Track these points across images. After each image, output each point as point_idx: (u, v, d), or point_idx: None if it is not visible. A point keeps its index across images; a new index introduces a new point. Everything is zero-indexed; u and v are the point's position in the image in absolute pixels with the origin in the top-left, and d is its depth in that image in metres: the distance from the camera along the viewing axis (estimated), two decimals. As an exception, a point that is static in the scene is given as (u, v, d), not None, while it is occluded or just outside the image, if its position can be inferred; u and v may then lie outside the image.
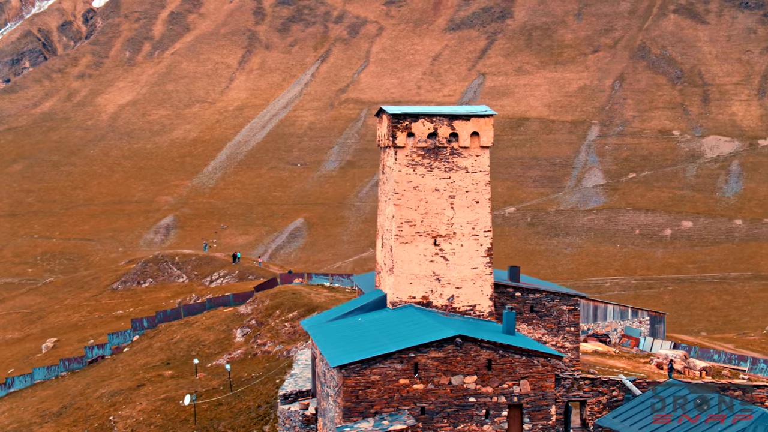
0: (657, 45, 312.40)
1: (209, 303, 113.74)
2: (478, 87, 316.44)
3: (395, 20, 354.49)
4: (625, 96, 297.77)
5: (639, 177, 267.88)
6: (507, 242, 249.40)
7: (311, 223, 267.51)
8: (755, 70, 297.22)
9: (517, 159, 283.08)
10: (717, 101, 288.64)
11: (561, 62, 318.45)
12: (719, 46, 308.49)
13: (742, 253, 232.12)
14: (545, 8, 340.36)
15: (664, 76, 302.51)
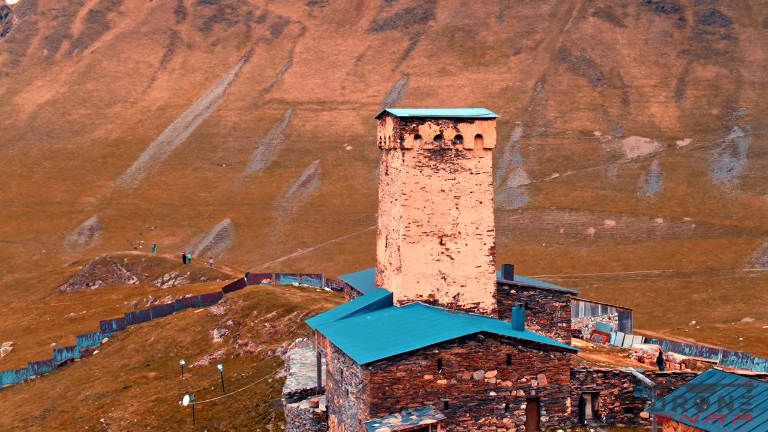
0: (577, 47, 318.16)
1: (178, 304, 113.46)
2: (402, 88, 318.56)
3: (318, 20, 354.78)
4: (547, 97, 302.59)
5: (562, 177, 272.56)
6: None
7: (238, 224, 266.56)
8: (672, 72, 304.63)
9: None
10: (636, 103, 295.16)
11: (483, 63, 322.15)
12: (637, 48, 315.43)
13: (664, 251, 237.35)
14: (467, 10, 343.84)
15: (585, 77, 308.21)
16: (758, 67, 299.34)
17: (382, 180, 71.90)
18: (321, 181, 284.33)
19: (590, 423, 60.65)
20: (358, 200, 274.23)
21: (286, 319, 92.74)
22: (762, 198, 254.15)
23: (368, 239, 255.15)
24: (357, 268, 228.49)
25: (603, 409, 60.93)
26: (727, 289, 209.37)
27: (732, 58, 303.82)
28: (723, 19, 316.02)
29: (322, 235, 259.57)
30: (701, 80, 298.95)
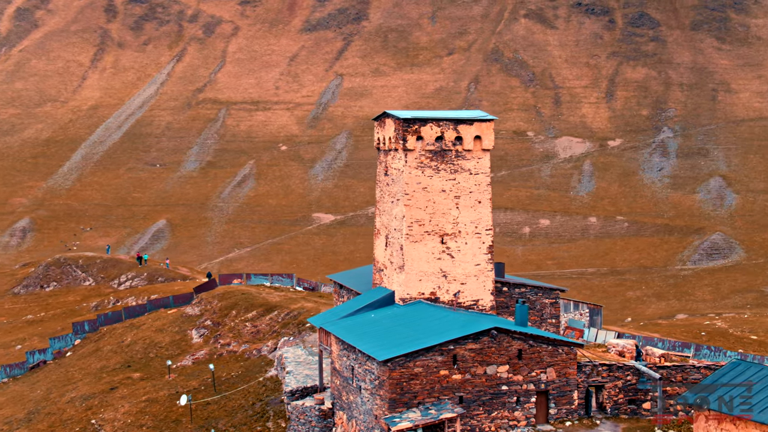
0: (509, 48, 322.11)
1: (150, 305, 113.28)
2: (336, 88, 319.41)
3: (251, 20, 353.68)
4: (480, 98, 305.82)
5: (497, 177, 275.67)
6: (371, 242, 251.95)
7: (174, 224, 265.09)
8: (602, 74, 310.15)
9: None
10: (568, 103, 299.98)
11: (417, 64, 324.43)
12: (568, 50, 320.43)
13: (598, 250, 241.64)
14: (400, 11, 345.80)
15: (517, 78, 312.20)
16: (686, 69, 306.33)
17: (381, 180, 73.21)
18: (257, 181, 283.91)
19: (596, 415, 62.66)
20: (295, 200, 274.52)
21: (267, 319, 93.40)
22: (692, 197, 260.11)
23: (305, 239, 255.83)
24: (295, 268, 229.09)
25: (608, 401, 63.00)
26: (660, 287, 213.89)
27: (660, 60, 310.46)
28: (651, 21, 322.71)
29: (259, 235, 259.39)
30: (631, 81, 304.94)
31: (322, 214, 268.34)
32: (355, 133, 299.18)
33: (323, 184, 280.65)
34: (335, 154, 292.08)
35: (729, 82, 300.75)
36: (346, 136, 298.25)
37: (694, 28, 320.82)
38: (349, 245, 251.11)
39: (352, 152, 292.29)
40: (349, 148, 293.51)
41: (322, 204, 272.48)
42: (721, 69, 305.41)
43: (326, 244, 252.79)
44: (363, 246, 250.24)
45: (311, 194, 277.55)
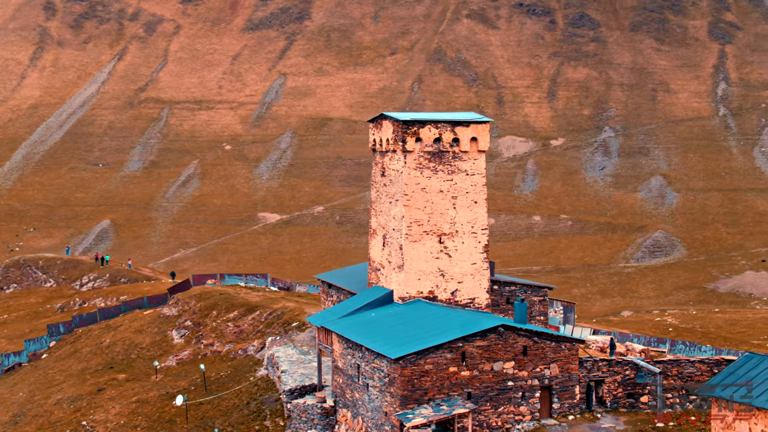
0: (452, 48, 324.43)
1: (125, 306, 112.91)
2: (279, 87, 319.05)
3: (192, 19, 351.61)
4: (424, 97, 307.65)
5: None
6: (318, 241, 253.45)
7: (118, 225, 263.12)
8: (544, 74, 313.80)
9: (323, 159, 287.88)
10: (511, 103, 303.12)
11: (360, 63, 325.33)
12: (510, 50, 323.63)
13: (542, 248, 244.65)
14: (343, 10, 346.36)
15: (461, 78, 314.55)
16: (626, 69, 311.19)
17: (377, 181, 74.19)
18: (201, 181, 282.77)
19: (596, 409, 64.36)
20: (240, 200, 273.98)
21: (250, 319, 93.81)
22: (633, 196, 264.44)
23: (251, 239, 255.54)
24: (242, 268, 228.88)
25: (607, 395, 64.74)
26: (604, 284, 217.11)
27: (601, 60, 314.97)
28: (592, 22, 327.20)
29: (205, 235, 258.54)
30: (572, 81, 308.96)
31: (267, 214, 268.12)
32: (300, 132, 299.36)
33: (268, 184, 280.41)
34: (280, 153, 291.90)
35: (668, 82, 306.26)
36: (291, 135, 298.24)
37: (634, 29, 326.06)
38: (296, 245, 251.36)
39: (296, 152, 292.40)
40: (293, 148, 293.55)
41: (267, 203, 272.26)
42: (660, 69, 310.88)
43: (272, 243, 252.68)
44: (309, 245, 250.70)
45: (256, 194, 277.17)
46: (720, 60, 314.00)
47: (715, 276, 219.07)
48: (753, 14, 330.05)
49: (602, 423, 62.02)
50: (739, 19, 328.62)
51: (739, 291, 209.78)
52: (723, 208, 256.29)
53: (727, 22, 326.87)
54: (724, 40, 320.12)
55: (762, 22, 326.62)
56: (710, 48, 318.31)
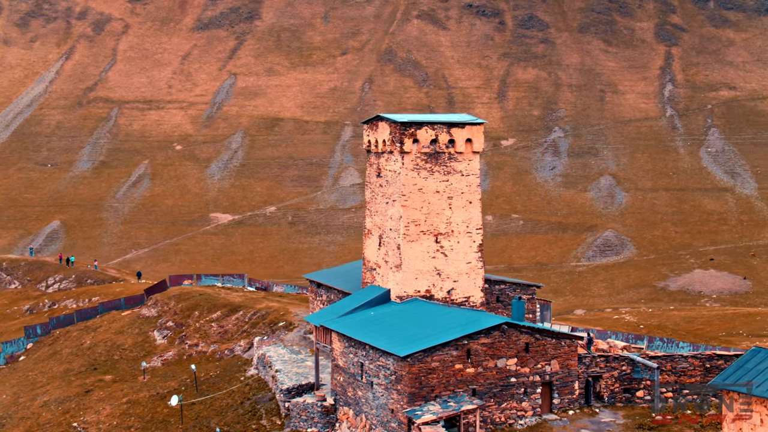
0: (403, 49, 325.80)
1: (102, 307, 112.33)
2: (230, 87, 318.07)
3: (141, 18, 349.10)
4: (375, 97, 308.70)
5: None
6: (271, 241, 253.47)
7: (69, 225, 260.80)
8: (494, 74, 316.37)
9: (274, 159, 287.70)
10: (461, 103, 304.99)
11: (311, 64, 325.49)
12: (460, 51, 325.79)
13: (495, 247, 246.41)
14: (293, 10, 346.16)
15: (411, 78, 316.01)
16: (575, 70, 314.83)
17: (372, 182, 74.98)
18: (152, 181, 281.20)
19: (594, 404, 65.84)
20: (191, 200, 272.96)
21: (234, 319, 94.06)
22: (583, 195, 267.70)
23: (204, 239, 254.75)
24: (194, 269, 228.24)
25: (605, 390, 66.26)
26: (557, 283, 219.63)
27: (550, 61, 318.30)
28: (540, 23, 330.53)
29: (156, 235, 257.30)
30: (522, 82, 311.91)
31: (219, 214, 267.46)
32: (251, 132, 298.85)
33: (220, 184, 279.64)
34: (231, 153, 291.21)
35: (616, 83, 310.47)
36: (242, 135, 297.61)
37: (582, 30, 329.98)
38: (248, 245, 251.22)
39: (248, 152, 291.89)
40: (245, 148, 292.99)
41: (219, 204, 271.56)
42: (608, 70, 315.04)
43: (225, 244, 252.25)
44: (262, 246, 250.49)
45: (208, 194, 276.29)
46: (666, 61, 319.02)
47: (665, 274, 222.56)
48: (698, 17, 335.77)
49: (601, 417, 63.48)
50: (685, 21, 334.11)
51: (689, 289, 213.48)
52: (671, 207, 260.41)
53: (673, 25, 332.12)
54: (671, 42, 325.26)
55: (707, 24, 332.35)
56: (657, 50, 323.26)
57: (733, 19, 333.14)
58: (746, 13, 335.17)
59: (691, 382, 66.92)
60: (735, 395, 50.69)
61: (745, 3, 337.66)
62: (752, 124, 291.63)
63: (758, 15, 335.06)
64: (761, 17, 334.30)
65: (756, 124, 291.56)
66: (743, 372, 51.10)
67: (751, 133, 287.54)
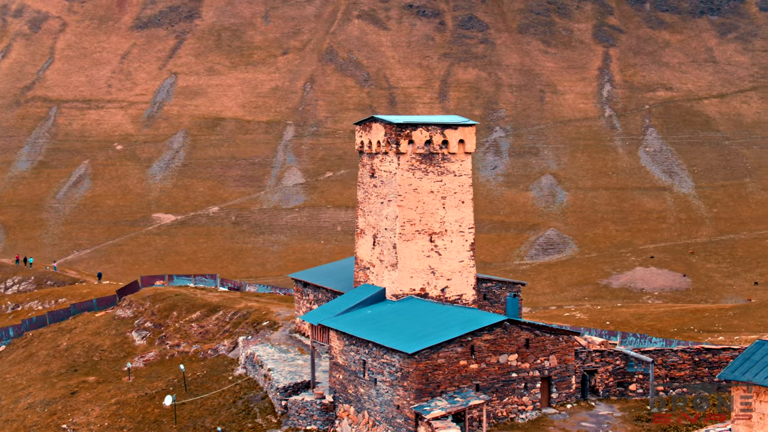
0: (344, 49, 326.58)
1: (74, 308, 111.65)
2: (170, 86, 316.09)
3: (79, 16, 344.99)
4: (316, 97, 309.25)
5: (336, 176, 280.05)
6: (214, 242, 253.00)
7: (8, 226, 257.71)
8: (435, 75, 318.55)
9: (217, 159, 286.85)
10: (403, 104, 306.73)
11: (252, 63, 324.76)
12: (401, 51, 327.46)
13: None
14: (233, 9, 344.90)
15: (353, 78, 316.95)
16: (514, 70, 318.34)
17: (365, 182, 75.97)
18: (93, 182, 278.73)
19: (590, 397, 67.66)
20: (133, 200, 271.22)
21: (214, 319, 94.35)
22: (525, 194, 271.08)
23: (146, 240, 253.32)
24: (138, 269, 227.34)
25: (600, 384, 68.13)
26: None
27: (490, 61, 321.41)
28: (480, 24, 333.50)
29: (99, 236, 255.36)
30: (463, 82, 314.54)
31: (162, 215, 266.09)
32: (192, 132, 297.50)
33: (162, 184, 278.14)
34: (173, 153, 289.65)
35: (555, 83, 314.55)
36: (183, 135, 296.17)
37: (521, 31, 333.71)
38: (192, 245, 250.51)
39: (189, 152, 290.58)
40: (186, 148, 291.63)
41: (161, 204, 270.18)
42: (548, 71, 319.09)
43: (168, 244, 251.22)
44: (206, 246, 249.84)
45: (150, 194, 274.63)
46: (605, 62, 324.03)
47: (608, 272, 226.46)
48: (635, 18, 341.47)
49: (599, 411, 65.30)
50: (622, 22, 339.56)
51: (631, 286, 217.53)
52: (611, 206, 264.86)
53: (610, 26, 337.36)
54: (608, 43, 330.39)
55: (644, 26, 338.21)
56: (595, 50, 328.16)
57: (669, 20, 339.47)
58: (681, 15, 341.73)
59: (680, 375, 69.04)
60: (743, 386, 52.69)
61: (681, 5, 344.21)
62: (689, 125, 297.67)
63: (693, 17, 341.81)
64: (696, 19, 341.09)
65: (692, 125, 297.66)
66: (750, 364, 53.16)
67: (688, 133, 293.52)
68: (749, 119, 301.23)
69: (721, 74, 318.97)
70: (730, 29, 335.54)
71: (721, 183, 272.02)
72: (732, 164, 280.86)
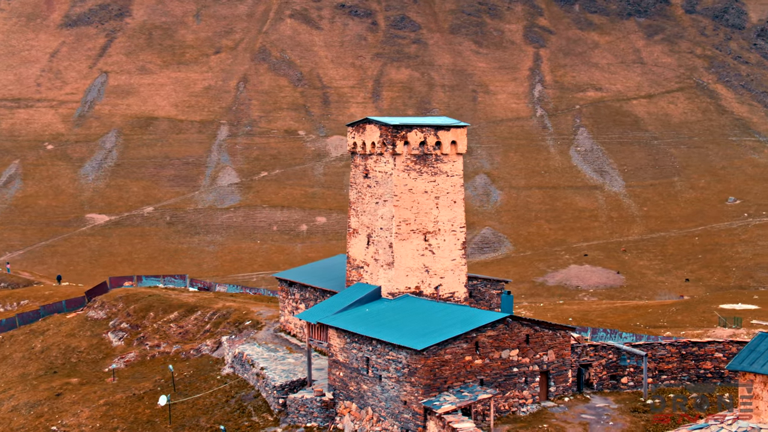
0: (277, 48, 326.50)
1: (44, 310, 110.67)
2: (101, 85, 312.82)
3: (6, 13, 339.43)
4: (250, 97, 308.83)
5: (271, 175, 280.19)
6: (149, 242, 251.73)
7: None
8: (368, 74, 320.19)
9: (150, 158, 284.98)
10: (336, 103, 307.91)
11: (184, 62, 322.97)
12: (334, 51, 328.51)
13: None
14: (164, 8, 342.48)
15: (286, 78, 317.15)
16: (447, 70, 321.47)
17: (358, 183, 77.16)
18: (24, 182, 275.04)
19: (585, 391, 69.81)
20: (66, 201, 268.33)
21: (192, 319, 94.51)
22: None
23: (80, 240, 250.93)
24: (72, 270, 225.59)
25: (594, 378, 70.31)
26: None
27: (423, 61, 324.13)
28: (413, 24, 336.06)
29: (31, 237, 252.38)
30: (396, 82, 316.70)
31: (95, 215, 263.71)
32: (125, 131, 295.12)
33: (95, 184, 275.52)
34: (105, 153, 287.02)
35: (487, 83, 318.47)
36: (116, 134, 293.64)
37: (453, 31, 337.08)
38: (127, 246, 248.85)
39: (122, 151, 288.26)
40: (119, 147, 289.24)
41: (94, 204, 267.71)
42: (480, 71, 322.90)
43: (102, 245, 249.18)
44: (141, 246, 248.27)
45: (83, 194, 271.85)
46: (535, 63, 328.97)
47: (543, 270, 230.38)
48: (564, 19, 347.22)
49: (595, 403, 67.41)
50: (552, 24, 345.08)
51: (567, 284, 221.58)
52: (544, 205, 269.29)
53: (540, 27, 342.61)
54: (539, 44, 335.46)
55: (573, 27, 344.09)
56: (526, 51, 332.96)
57: (598, 22, 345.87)
58: (609, 16, 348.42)
59: (668, 368, 71.51)
60: (752, 376, 55.09)
61: (609, 7, 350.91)
62: (618, 124, 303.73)
63: (621, 19, 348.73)
64: (624, 21, 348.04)
65: (622, 124, 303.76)
66: (756, 355, 55.60)
67: (618, 133, 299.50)
68: (676, 119, 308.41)
69: (648, 75, 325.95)
70: (657, 31, 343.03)
71: (650, 182, 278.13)
72: (661, 163, 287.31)
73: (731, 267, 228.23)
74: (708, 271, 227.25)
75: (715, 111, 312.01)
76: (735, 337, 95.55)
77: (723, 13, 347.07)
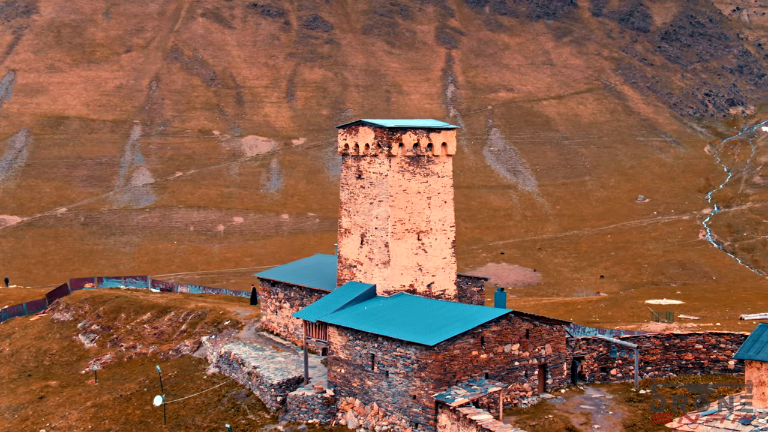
0: (189, 47, 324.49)
1: (4, 313, 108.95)
2: (9, 84, 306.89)
3: None
4: (163, 96, 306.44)
5: (186, 175, 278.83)
6: (63, 243, 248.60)
7: None
8: (282, 74, 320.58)
9: (62, 158, 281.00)
10: (250, 103, 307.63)
11: (94, 61, 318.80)
12: (247, 50, 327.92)
13: (293, 245, 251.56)
14: (72, 5, 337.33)
15: (199, 77, 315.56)
16: (360, 71, 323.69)
17: (350, 183, 78.69)
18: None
19: (579, 383, 72.61)
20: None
21: (167, 320, 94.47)
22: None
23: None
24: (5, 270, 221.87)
25: (586, 370, 73.12)
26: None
27: (336, 62, 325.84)
28: (325, 24, 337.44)
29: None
30: (309, 82, 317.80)
31: (6, 216, 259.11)
32: (35, 131, 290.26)
33: (5, 185, 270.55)
34: (15, 153, 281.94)
35: (400, 84, 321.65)
36: (26, 134, 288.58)
37: (366, 32, 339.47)
38: (40, 247, 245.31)
39: (33, 151, 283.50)
40: (29, 147, 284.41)
41: (5, 205, 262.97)
42: (393, 71, 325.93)
43: (15, 247, 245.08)
44: (55, 248, 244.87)
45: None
46: (448, 63, 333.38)
47: (461, 268, 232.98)
48: (475, 21, 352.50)
49: (591, 394, 70.22)
50: (463, 25, 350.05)
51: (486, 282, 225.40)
52: (460, 204, 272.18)
53: (452, 28, 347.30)
54: (451, 45, 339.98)
55: (484, 28, 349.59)
56: (438, 52, 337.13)
57: (508, 24, 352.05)
58: (519, 18, 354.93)
59: (653, 360, 74.73)
60: (757, 364, 58.46)
61: (518, 9, 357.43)
62: (530, 125, 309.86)
63: (530, 21, 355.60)
64: (533, 23, 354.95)
65: (533, 125, 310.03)
66: (760, 345, 59.01)
67: (529, 133, 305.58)
68: (586, 120, 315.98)
69: (558, 76, 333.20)
70: (565, 33, 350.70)
71: (562, 181, 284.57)
72: (572, 163, 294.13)
73: (643, 264, 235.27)
74: (621, 267, 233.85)
75: (622, 112, 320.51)
76: (668, 330, 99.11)
77: (629, 17, 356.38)
